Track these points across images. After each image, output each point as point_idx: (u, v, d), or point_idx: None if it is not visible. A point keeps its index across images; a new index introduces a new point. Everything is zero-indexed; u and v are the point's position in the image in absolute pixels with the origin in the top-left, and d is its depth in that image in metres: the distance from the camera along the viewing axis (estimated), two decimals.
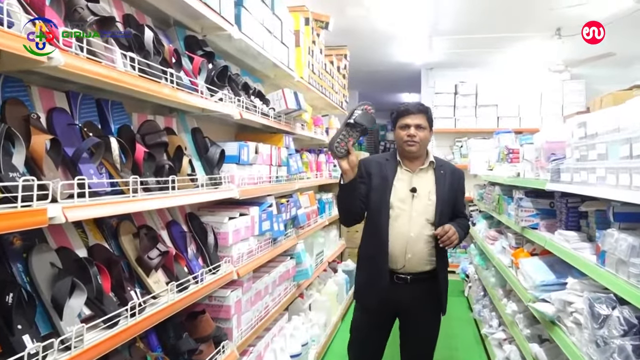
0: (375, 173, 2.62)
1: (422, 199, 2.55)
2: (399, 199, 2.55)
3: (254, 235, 2.79)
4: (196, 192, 2.11)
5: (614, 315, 1.67)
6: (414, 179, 2.59)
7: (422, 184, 2.58)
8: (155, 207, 1.74)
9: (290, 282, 3.58)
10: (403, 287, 2.53)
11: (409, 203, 2.54)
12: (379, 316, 2.65)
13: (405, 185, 2.58)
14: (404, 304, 2.58)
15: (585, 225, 2.56)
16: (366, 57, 7.19)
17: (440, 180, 2.61)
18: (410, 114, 2.58)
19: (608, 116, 2.04)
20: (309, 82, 4.04)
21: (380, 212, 2.55)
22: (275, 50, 3.16)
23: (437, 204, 2.54)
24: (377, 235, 2.55)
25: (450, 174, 2.66)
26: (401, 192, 2.56)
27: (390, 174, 2.60)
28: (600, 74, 7.19)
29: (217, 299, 2.49)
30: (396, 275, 2.54)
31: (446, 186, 2.60)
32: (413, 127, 2.55)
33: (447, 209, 2.59)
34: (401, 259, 2.52)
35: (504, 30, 5.91)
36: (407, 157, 2.62)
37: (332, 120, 5.63)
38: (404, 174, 2.61)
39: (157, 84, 1.80)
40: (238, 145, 2.56)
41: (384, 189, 2.56)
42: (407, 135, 2.56)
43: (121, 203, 1.54)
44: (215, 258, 2.36)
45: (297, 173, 3.61)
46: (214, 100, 2.32)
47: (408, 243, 2.51)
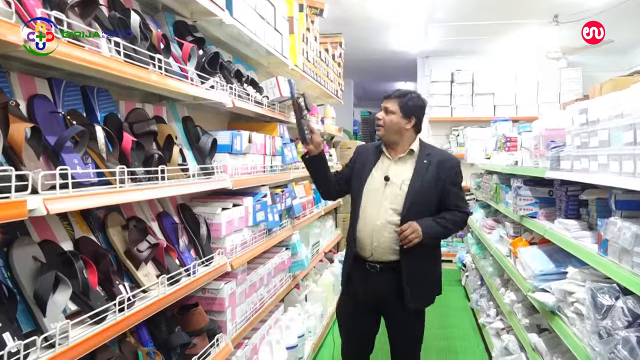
0: (360, 160, 2.66)
1: (393, 188, 2.49)
2: (373, 186, 2.53)
3: (248, 226, 2.73)
4: (187, 182, 2.05)
5: (617, 306, 1.62)
6: (391, 167, 2.55)
7: (398, 173, 2.53)
8: (143, 198, 1.68)
9: (285, 273, 3.53)
10: (376, 275, 2.51)
11: (381, 191, 2.51)
12: (361, 304, 2.62)
13: (381, 173, 2.55)
14: (382, 294, 2.54)
15: (586, 214, 2.52)
16: (361, 46, 7.11)
17: (420, 170, 2.51)
18: (386, 99, 2.58)
19: (610, 102, 1.99)
20: (304, 70, 3.96)
21: (355, 198, 2.59)
22: (269, 37, 3.08)
23: (407, 193, 2.46)
24: (352, 221, 2.60)
25: (438, 165, 2.53)
26: (377, 179, 2.54)
27: (370, 161, 2.61)
28: (597, 61, 7.13)
29: (211, 291, 2.43)
30: (368, 263, 2.52)
31: (426, 177, 2.49)
32: (382, 111, 2.56)
33: (424, 200, 2.48)
34: (369, 247, 2.50)
35: (501, 17, 5.83)
36: (387, 144, 2.60)
37: (327, 109, 5.56)
38: (385, 162, 2.59)
39: (145, 70, 1.73)
40: (231, 134, 2.49)
41: (361, 175, 2.58)
42: (377, 119, 2.59)
43: (107, 194, 1.48)
44: (208, 250, 2.31)
45: (292, 162, 3.55)
46: (205, 88, 2.26)
47: (374, 231, 2.48)
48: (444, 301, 5.46)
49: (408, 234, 2.37)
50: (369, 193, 2.53)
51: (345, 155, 6.35)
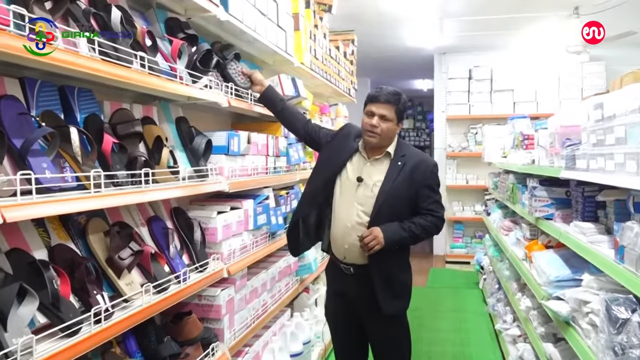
0: (338, 144, 2.53)
1: (365, 190, 2.39)
2: (346, 185, 2.44)
3: (248, 230, 2.64)
4: (177, 185, 1.96)
5: (633, 320, 1.48)
6: (365, 168, 2.44)
7: (371, 174, 2.41)
8: (122, 203, 1.60)
9: (292, 278, 3.43)
10: (351, 277, 2.45)
11: (353, 191, 2.41)
12: (342, 305, 2.55)
13: (355, 172, 2.44)
14: (357, 297, 2.47)
15: (604, 216, 2.36)
16: (376, 43, 6.97)
17: (393, 173, 2.40)
18: (378, 101, 2.38)
19: (627, 95, 1.83)
20: (311, 68, 3.85)
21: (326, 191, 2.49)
22: (271, 34, 2.99)
23: (378, 196, 2.36)
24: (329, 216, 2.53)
25: (413, 167, 2.41)
26: (350, 179, 2.44)
27: (346, 153, 2.48)
28: (620, 54, 6.85)
29: (207, 298, 2.35)
30: (342, 265, 2.46)
31: (399, 180, 2.38)
32: (376, 117, 2.36)
33: (395, 203, 2.37)
34: (341, 249, 2.44)
35: (519, 11, 5.63)
36: (371, 146, 2.44)
37: (339, 108, 5.44)
38: (359, 161, 2.47)
39: (126, 69, 1.64)
40: (227, 135, 2.40)
41: (333, 164, 2.48)
42: (369, 125, 2.37)
43: (78, 200, 1.40)
44: (202, 255, 2.22)
45: (298, 163, 3.44)
46: (199, 87, 2.17)
47: (345, 233, 2.40)
48: (461, 305, 5.32)
49: (368, 240, 2.29)
50: (342, 191, 2.44)
51: None
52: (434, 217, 2.44)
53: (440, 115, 7.82)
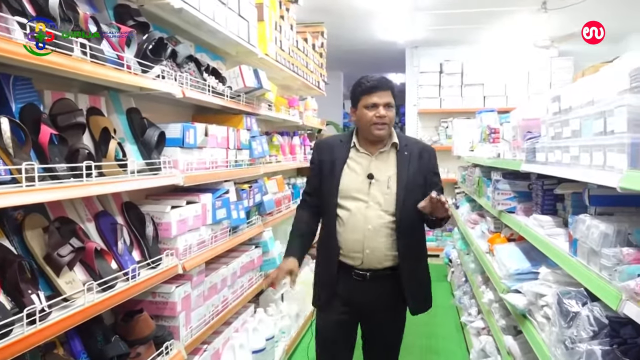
0: (326, 159, 2.34)
1: (380, 187, 2.23)
2: (354, 187, 2.25)
3: (206, 224, 2.57)
4: (125, 179, 1.89)
5: (583, 314, 1.47)
6: (372, 164, 2.27)
7: (381, 169, 2.26)
8: (59, 198, 1.52)
9: (256, 273, 3.38)
10: (362, 284, 2.27)
11: (366, 191, 2.23)
12: (342, 315, 2.35)
13: (362, 170, 2.27)
14: (365, 302, 2.32)
15: (562, 209, 2.37)
16: (347, 36, 6.92)
17: (404, 164, 2.27)
18: (379, 90, 2.21)
19: (582, 88, 1.83)
20: (277, 59, 3.79)
21: (329, 201, 2.28)
22: (232, 24, 2.91)
23: (397, 192, 2.22)
24: (329, 226, 2.31)
25: (418, 155, 2.31)
26: (357, 179, 2.26)
27: (340, 159, 2.30)
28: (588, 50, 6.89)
29: (161, 295, 2.28)
30: (354, 272, 2.27)
31: (411, 170, 2.27)
32: (382, 107, 2.21)
33: (414, 196, 2.21)
34: (359, 255, 2.24)
35: (489, 5, 5.64)
36: (370, 140, 2.29)
37: (309, 101, 5.39)
38: (362, 158, 2.30)
39: (65, 56, 1.56)
40: (182, 127, 2.33)
41: (332, 177, 2.28)
42: (376, 117, 2.20)
43: (6, 194, 1.31)
44: (154, 251, 2.15)
45: (261, 157, 3.38)
46: (151, 77, 2.10)
47: (365, 237, 2.21)
48: None
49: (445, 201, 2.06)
50: (350, 194, 2.24)
51: None
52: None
53: (412, 109, 7.83)
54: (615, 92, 1.47)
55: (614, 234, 1.49)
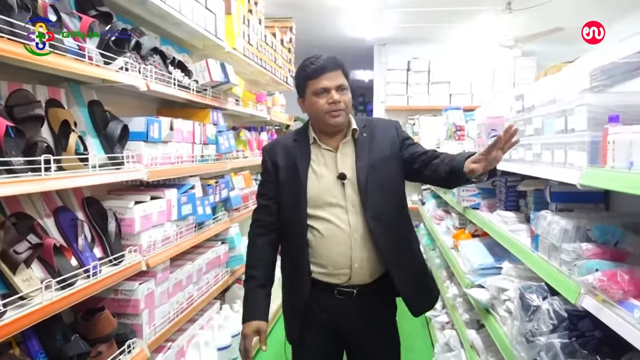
0: (284, 165, 1.96)
1: (354, 186, 1.90)
2: (327, 191, 1.89)
3: (171, 220, 2.53)
4: (86, 173, 1.83)
5: (543, 308, 1.50)
6: (339, 160, 1.92)
7: (348, 165, 1.92)
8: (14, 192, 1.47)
9: (222, 269, 3.34)
10: (347, 303, 1.92)
11: (341, 194, 1.88)
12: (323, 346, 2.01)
13: (329, 171, 1.92)
14: (352, 325, 1.98)
15: (524, 206, 2.41)
16: (316, 32, 6.91)
17: (363, 149, 1.93)
18: (327, 71, 1.84)
19: (544, 87, 1.87)
20: (244, 54, 3.75)
21: (296, 216, 1.91)
22: (198, 17, 2.86)
23: (359, 186, 1.87)
24: (294, 247, 1.95)
25: (380, 133, 1.97)
26: (327, 181, 1.90)
27: (301, 161, 1.93)
28: (550, 50, 7.11)
29: (124, 292, 2.23)
30: (338, 290, 1.91)
31: (374, 153, 1.92)
32: (334, 91, 1.84)
33: (383, 183, 1.89)
34: (345, 271, 1.88)
35: (456, 4, 5.72)
36: (328, 131, 1.93)
37: (277, 97, 5.37)
38: (326, 156, 1.94)
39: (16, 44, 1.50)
40: (146, 120, 2.28)
41: (296, 184, 1.91)
42: (328, 103, 1.84)
43: None
44: (117, 248, 2.10)
45: (228, 152, 3.34)
46: (114, 69, 2.04)
47: (353, 248, 1.86)
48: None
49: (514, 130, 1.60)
50: (323, 200, 1.89)
51: None
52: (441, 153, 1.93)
53: (380, 106, 7.88)
54: (575, 92, 1.51)
55: (574, 229, 1.53)
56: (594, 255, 1.39)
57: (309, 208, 1.89)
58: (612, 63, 1.36)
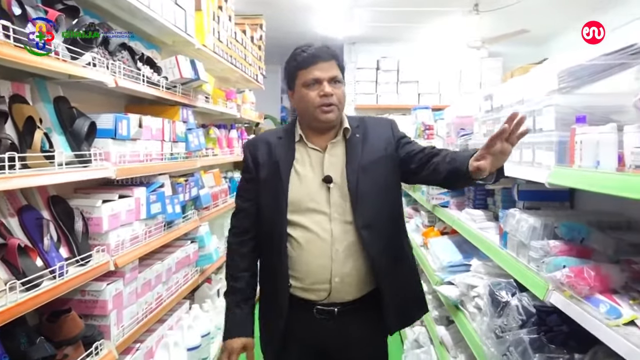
0: (265, 163, 1.79)
1: (341, 191, 1.72)
2: (309, 196, 1.71)
3: (140, 219, 2.48)
4: (52, 171, 1.78)
5: (512, 304, 1.54)
6: (326, 161, 1.74)
7: (337, 167, 1.74)
8: None
9: (192, 268, 3.30)
10: (327, 323, 1.74)
11: (325, 200, 1.71)
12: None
13: (314, 172, 1.74)
14: (333, 347, 1.80)
15: (492, 204, 2.47)
16: (286, 29, 6.89)
17: (355, 151, 1.74)
18: (320, 61, 1.68)
19: (513, 87, 1.91)
20: (215, 51, 3.71)
21: (275, 221, 1.74)
22: (168, 13, 2.82)
23: (350, 191, 1.69)
24: (273, 256, 1.78)
25: (373, 132, 1.79)
26: (311, 184, 1.73)
27: (283, 160, 1.76)
28: (516, 51, 7.29)
29: (91, 293, 2.18)
30: (317, 309, 1.73)
31: (366, 155, 1.74)
32: (327, 83, 1.67)
33: (376, 189, 1.72)
34: (324, 286, 1.70)
35: (425, 4, 5.80)
36: (317, 129, 1.77)
37: (246, 94, 5.33)
38: (312, 156, 1.76)
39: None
40: (114, 117, 2.23)
41: (276, 186, 1.74)
42: (320, 96, 1.67)
43: None
44: (84, 248, 2.04)
45: (198, 149, 3.30)
46: (81, 65, 1.99)
47: (334, 261, 1.68)
48: None
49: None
50: (305, 206, 1.71)
51: None
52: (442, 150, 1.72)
53: (349, 104, 7.92)
54: (544, 92, 1.54)
55: (542, 227, 1.57)
56: (561, 252, 1.43)
57: (289, 213, 1.72)
58: (579, 65, 1.40)
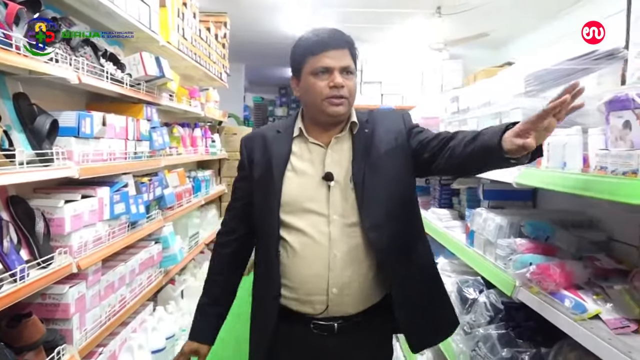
0: (260, 159, 1.64)
1: (345, 190, 1.54)
2: (306, 195, 1.55)
3: (103, 220, 2.42)
4: (11, 171, 1.71)
5: (480, 301, 1.58)
6: (328, 158, 1.57)
7: (341, 164, 1.57)
8: None
9: (155, 269, 3.24)
10: (326, 341, 1.55)
11: (324, 200, 1.54)
12: None
13: (314, 169, 1.57)
14: None
15: (457, 203, 2.52)
16: (250, 27, 6.84)
17: (362, 147, 1.57)
18: (331, 48, 1.51)
19: (479, 90, 1.96)
20: (179, 48, 3.65)
21: (267, 222, 1.59)
22: (132, 8, 2.75)
23: (357, 192, 1.52)
24: (265, 261, 1.63)
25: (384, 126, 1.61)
26: (309, 182, 1.56)
27: (278, 156, 1.60)
28: (476, 54, 7.45)
29: (53, 296, 2.11)
30: (314, 323, 1.55)
31: (375, 151, 1.56)
32: (338, 73, 1.51)
33: (388, 188, 1.54)
34: (320, 298, 1.53)
35: (389, 6, 5.86)
36: (323, 123, 1.60)
37: (210, 93, 5.27)
38: (312, 152, 1.60)
39: None
40: (77, 115, 2.16)
41: (269, 183, 1.58)
42: (329, 87, 1.51)
43: None
44: (46, 250, 1.98)
45: (162, 148, 3.25)
46: (42, 60, 1.92)
47: (331, 270, 1.51)
48: None
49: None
50: (300, 206, 1.55)
51: (230, 142, 6.11)
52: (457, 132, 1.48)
53: None
54: (511, 95, 1.59)
55: (508, 226, 1.62)
56: (527, 250, 1.47)
57: (283, 214, 1.55)
58: (544, 69, 1.45)
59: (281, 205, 1.55)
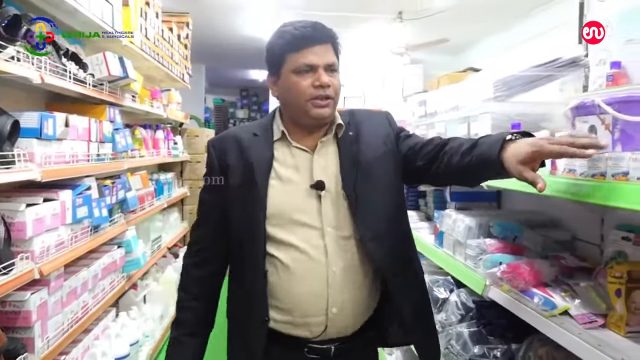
0: (236, 165, 1.46)
1: (334, 200, 1.41)
2: (295, 205, 1.40)
3: (65, 224, 2.34)
4: None
5: (451, 300, 1.62)
6: (315, 164, 1.43)
7: (329, 171, 1.44)
8: None
9: (118, 274, 3.16)
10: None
11: (315, 211, 1.40)
12: None
13: (300, 177, 1.43)
14: None
15: (424, 205, 2.57)
16: (212, 29, 6.77)
17: (349, 151, 1.44)
18: (316, 43, 1.39)
19: (447, 94, 2.01)
20: (142, 48, 3.58)
21: (250, 238, 1.41)
22: (95, 6, 2.69)
23: (350, 201, 1.40)
24: (246, 284, 1.44)
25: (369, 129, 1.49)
26: (297, 192, 1.41)
27: (260, 163, 1.43)
28: (436, 59, 7.62)
29: (13, 304, 2.03)
30: (309, 347, 1.41)
31: (363, 155, 1.44)
32: (323, 70, 1.38)
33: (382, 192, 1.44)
34: (319, 319, 1.38)
35: (351, 10, 5.92)
36: (306, 125, 1.46)
37: (172, 94, 5.19)
38: (297, 157, 1.45)
39: None
40: (39, 116, 2.10)
41: (252, 193, 1.41)
42: (314, 87, 1.38)
43: None
44: (6, 255, 1.90)
45: (125, 150, 3.18)
46: (3, 59, 1.85)
47: (330, 287, 1.37)
48: None
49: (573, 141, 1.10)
50: (289, 217, 1.39)
51: (192, 144, 6.03)
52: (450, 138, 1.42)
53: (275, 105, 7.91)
54: (479, 100, 1.64)
55: (477, 226, 1.66)
56: (496, 250, 1.52)
57: (270, 227, 1.39)
58: (512, 75, 1.50)
59: (267, 217, 1.39)
